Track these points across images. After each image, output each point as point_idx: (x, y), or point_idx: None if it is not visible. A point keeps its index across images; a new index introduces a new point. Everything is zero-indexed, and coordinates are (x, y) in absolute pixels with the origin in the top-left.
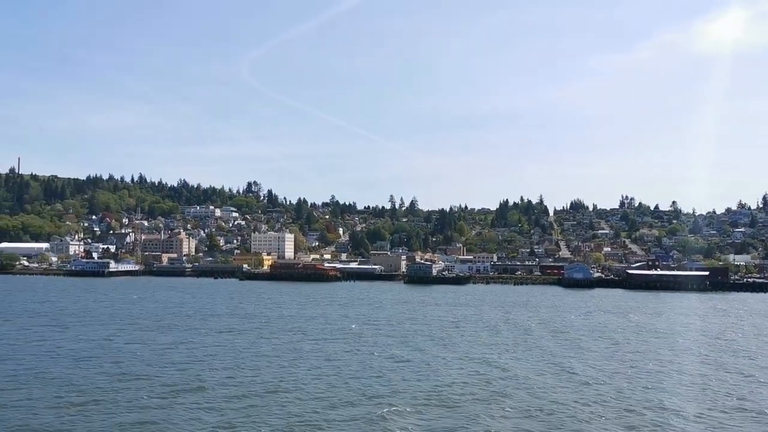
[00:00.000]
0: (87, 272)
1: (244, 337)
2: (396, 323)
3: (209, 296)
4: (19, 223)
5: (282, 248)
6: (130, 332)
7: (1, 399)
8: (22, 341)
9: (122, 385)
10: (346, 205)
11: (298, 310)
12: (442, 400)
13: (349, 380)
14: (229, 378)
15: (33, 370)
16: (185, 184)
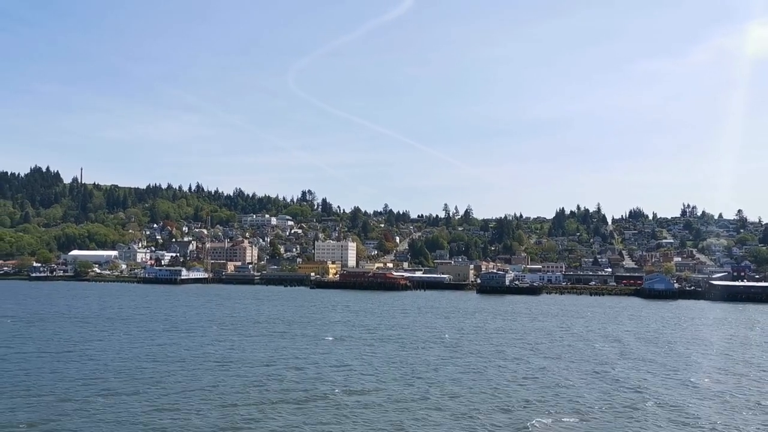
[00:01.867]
0: (160, 279)
1: (396, 347)
2: (497, 332)
3: (308, 306)
4: (85, 231)
5: (345, 257)
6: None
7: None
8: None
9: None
10: (399, 213)
11: (399, 319)
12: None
13: (507, 386)
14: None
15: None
16: (241, 192)
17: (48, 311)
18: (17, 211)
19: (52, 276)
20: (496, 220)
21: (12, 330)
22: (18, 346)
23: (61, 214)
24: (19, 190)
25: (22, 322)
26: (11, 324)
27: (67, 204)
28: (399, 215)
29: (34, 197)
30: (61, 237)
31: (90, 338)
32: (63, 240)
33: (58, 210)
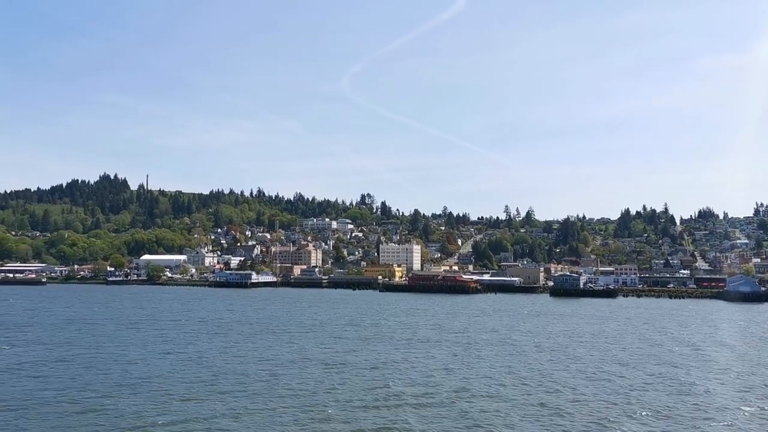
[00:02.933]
0: (231, 283)
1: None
2: (585, 337)
3: (386, 309)
4: (153, 236)
5: (410, 260)
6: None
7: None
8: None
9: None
10: (459, 216)
11: (483, 322)
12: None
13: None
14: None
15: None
16: (301, 197)
17: (141, 314)
18: (88, 217)
19: (127, 280)
20: (559, 222)
21: (119, 334)
22: (131, 348)
23: (130, 219)
24: (89, 197)
25: (123, 326)
26: (115, 328)
27: (135, 210)
28: (458, 218)
29: (104, 204)
30: (131, 242)
31: (202, 340)
32: (132, 245)
33: (126, 216)
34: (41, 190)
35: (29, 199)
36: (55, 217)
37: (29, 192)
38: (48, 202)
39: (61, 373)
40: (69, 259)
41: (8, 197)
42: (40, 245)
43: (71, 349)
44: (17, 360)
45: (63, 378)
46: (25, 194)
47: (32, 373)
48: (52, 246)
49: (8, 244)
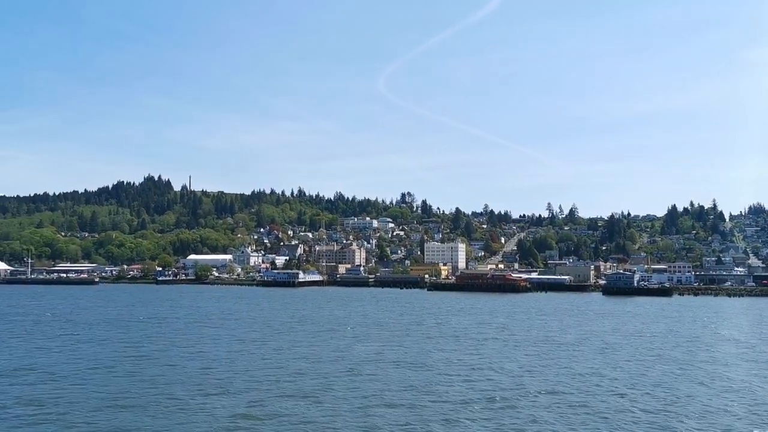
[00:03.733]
0: (278, 282)
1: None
2: (662, 336)
3: (445, 308)
4: (198, 236)
5: (455, 258)
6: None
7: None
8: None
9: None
10: (500, 214)
11: (552, 322)
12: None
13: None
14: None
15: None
16: (341, 196)
17: (202, 313)
18: (134, 218)
19: (176, 279)
20: (603, 219)
21: (188, 331)
22: (205, 347)
23: (174, 220)
24: (134, 198)
25: (194, 323)
26: (185, 325)
27: (179, 210)
28: (500, 215)
29: (149, 204)
30: (176, 242)
31: (279, 338)
32: (178, 245)
33: (171, 216)
34: (88, 192)
35: (77, 201)
36: (102, 219)
37: (77, 194)
38: (95, 203)
39: (165, 370)
40: (117, 259)
41: (57, 199)
42: (89, 246)
43: (172, 345)
44: (116, 358)
45: (174, 374)
46: (73, 196)
47: (133, 370)
48: (100, 246)
49: (59, 244)
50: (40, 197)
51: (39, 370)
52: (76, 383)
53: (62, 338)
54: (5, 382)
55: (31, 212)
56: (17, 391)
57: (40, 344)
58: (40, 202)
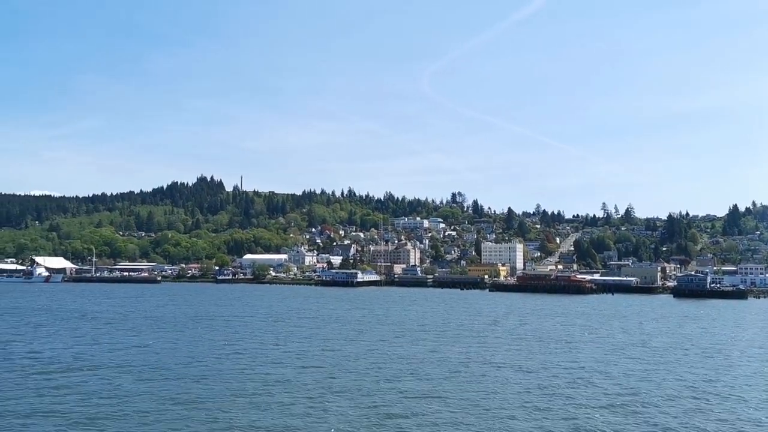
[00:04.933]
0: (337, 282)
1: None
2: None
3: (517, 310)
4: (251, 236)
5: (513, 258)
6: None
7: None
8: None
9: None
10: (553, 214)
11: (644, 326)
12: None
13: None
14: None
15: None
16: (391, 196)
17: (279, 312)
18: (189, 218)
19: (235, 279)
20: (661, 219)
21: (278, 330)
22: (302, 346)
23: (227, 220)
24: (188, 198)
25: (277, 322)
26: (274, 323)
27: (232, 210)
28: (553, 215)
29: (202, 204)
30: (230, 242)
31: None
32: (232, 244)
33: (224, 216)
34: (144, 193)
35: (133, 201)
36: (158, 218)
37: (133, 194)
38: (150, 203)
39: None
40: (173, 258)
41: (114, 199)
42: (146, 245)
43: (269, 344)
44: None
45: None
46: (129, 196)
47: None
48: (157, 246)
49: (117, 244)
50: (98, 197)
51: (173, 368)
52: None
53: (169, 336)
54: (165, 377)
55: (90, 212)
56: (178, 389)
57: (157, 342)
58: (98, 202)
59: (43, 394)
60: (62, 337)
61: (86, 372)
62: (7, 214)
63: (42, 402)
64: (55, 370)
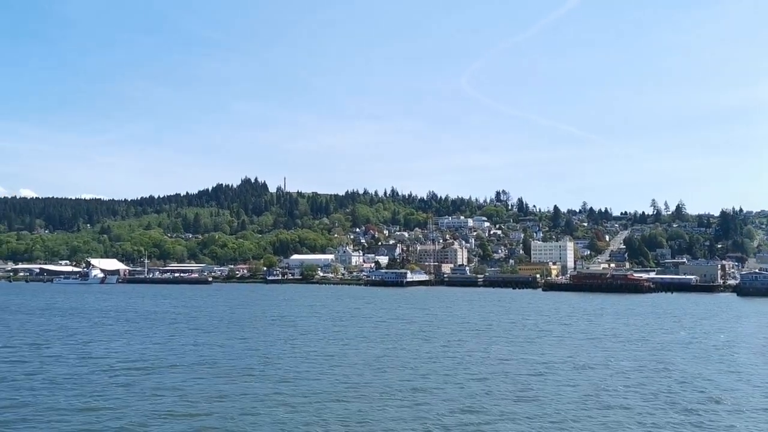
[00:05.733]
0: (386, 282)
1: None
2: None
3: (581, 309)
4: (296, 236)
5: (564, 257)
6: None
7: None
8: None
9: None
10: (600, 211)
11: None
12: None
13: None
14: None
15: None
16: (434, 195)
17: (342, 312)
18: (234, 219)
19: (284, 279)
20: (713, 216)
21: (348, 330)
22: (378, 346)
23: (272, 221)
24: (233, 200)
25: (343, 322)
26: (340, 323)
27: (276, 211)
28: (600, 213)
29: (247, 206)
30: (276, 242)
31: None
32: (277, 245)
33: (268, 217)
34: (190, 195)
35: (180, 204)
36: (204, 220)
37: (180, 197)
38: (197, 205)
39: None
40: (220, 259)
41: (162, 201)
42: (194, 246)
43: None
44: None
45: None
46: (176, 199)
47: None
48: (204, 247)
49: (166, 245)
50: (146, 200)
51: (277, 368)
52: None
53: (245, 336)
54: (251, 375)
55: (139, 215)
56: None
57: (247, 342)
58: (147, 205)
59: (143, 395)
60: (139, 336)
61: (175, 371)
62: (60, 217)
63: (147, 402)
64: (143, 368)
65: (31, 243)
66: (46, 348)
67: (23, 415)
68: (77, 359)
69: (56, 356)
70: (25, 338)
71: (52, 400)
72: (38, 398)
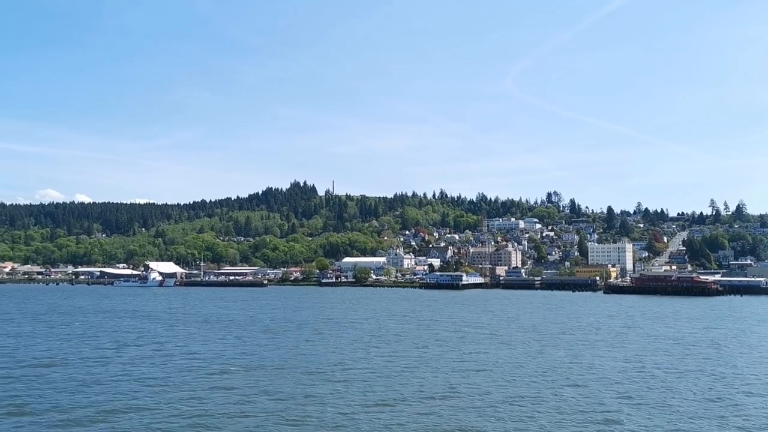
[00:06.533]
0: (441, 285)
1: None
2: None
3: (668, 315)
4: (346, 239)
5: (623, 259)
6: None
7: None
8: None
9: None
10: (656, 212)
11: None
12: None
13: None
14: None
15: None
16: (483, 197)
17: (401, 313)
18: (284, 222)
19: (338, 282)
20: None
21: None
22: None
23: (322, 224)
24: (283, 203)
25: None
26: (408, 325)
27: (326, 214)
28: (656, 214)
29: (297, 209)
30: (326, 245)
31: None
32: (328, 248)
33: (318, 220)
34: (240, 199)
35: (231, 207)
36: (255, 223)
37: (230, 200)
38: (247, 209)
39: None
40: (272, 262)
41: (213, 205)
42: (246, 249)
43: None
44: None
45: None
46: (227, 202)
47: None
48: (256, 250)
49: (219, 248)
50: (198, 204)
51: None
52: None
53: (320, 338)
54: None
55: (191, 218)
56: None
57: (311, 343)
58: (199, 208)
59: (233, 398)
60: (213, 338)
61: (258, 372)
62: (116, 221)
63: (238, 404)
64: (223, 370)
65: (90, 247)
66: (164, 352)
67: (143, 419)
68: (184, 359)
69: (169, 354)
70: (113, 339)
71: (164, 400)
72: (146, 398)
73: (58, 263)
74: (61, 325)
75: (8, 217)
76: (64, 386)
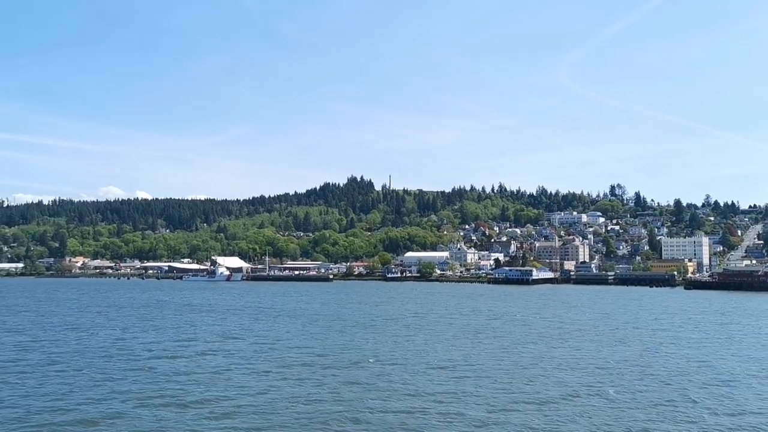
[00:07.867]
0: (510, 280)
1: None
2: None
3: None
4: (406, 234)
5: (699, 254)
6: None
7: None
8: None
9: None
10: (726, 204)
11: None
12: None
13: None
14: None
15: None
16: (543, 190)
17: (491, 311)
18: (343, 217)
19: (403, 276)
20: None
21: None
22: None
23: (380, 218)
24: (341, 198)
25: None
26: (498, 322)
27: (384, 209)
28: (726, 206)
29: (354, 204)
30: (386, 240)
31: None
32: (387, 243)
33: (376, 215)
34: (298, 194)
35: (289, 203)
36: (314, 218)
37: (288, 196)
38: (305, 204)
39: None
40: (332, 257)
41: (272, 201)
42: (306, 244)
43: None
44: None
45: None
46: (285, 198)
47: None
48: (316, 245)
49: (279, 243)
50: (258, 200)
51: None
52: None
53: (422, 337)
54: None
55: (251, 214)
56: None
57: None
58: (258, 204)
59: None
60: (317, 332)
61: (389, 367)
62: (179, 217)
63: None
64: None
65: (155, 242)
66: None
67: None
68: (297, 353)
69: (285, 348)
70: (218, 333)
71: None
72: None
73: (126, 258)
74: (158, 318)
75: (77, 213)
76: (202, 378)
